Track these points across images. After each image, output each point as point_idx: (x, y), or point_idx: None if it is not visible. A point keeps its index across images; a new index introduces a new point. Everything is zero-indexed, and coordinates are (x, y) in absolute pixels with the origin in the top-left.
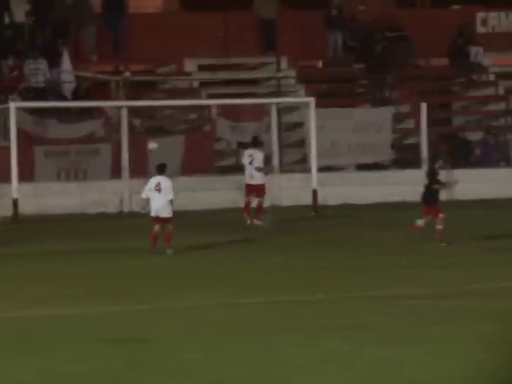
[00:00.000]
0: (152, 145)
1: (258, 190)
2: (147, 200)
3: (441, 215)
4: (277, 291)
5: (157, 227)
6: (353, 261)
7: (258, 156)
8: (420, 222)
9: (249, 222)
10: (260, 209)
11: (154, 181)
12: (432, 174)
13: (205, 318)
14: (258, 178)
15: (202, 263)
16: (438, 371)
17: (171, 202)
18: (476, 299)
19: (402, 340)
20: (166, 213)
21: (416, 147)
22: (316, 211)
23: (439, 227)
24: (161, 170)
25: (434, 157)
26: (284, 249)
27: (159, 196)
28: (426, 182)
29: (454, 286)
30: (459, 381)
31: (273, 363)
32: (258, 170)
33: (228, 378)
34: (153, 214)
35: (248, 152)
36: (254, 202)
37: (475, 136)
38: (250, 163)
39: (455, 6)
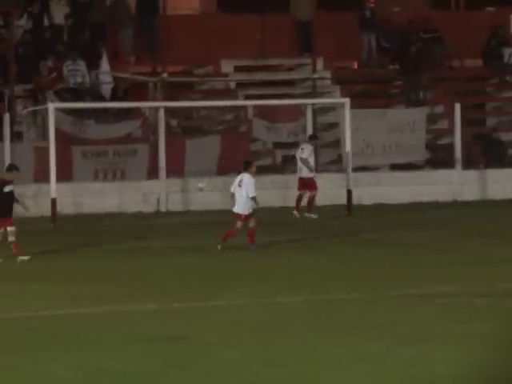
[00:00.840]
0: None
1: (307, 185)
2: (232, 194)
3: None
4: (312, 290)
5: (238, 224)
6: (386, 260)
7: (306, 148)
8: None
9: (298, 216)
10: (310, 203)
11: (239, 177)
12: None
13: (242, 317)
14: (304, 171)
15: (238, 262)
16: (470, 369)
17: (252, 199)
18: (511, 298)
19: (435, 338)
20: (242, 209)
21: (450, 147)
22: (350, 211)
23: None
24: (245, 166)
25: None
26: (319, 248)
27: (239, 192)
28: None
29: (487, 284)
30: (490, 379)
31: (309, 362)
32: (302, 160)
33: (264, 377)
34: (234, 210)
35: (301, 145)
36: (306, 197)
37: (508, 136)
38: (300, 156)
39: (489, 8)
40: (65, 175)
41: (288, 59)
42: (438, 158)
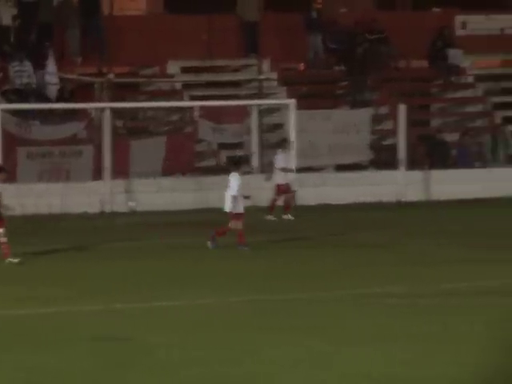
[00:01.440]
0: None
1: (283, 190)
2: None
3: None
4: (262, 290)
5: (231, 223)
6: (334, 260)
7: (278, 157)
8: None
9: (272, 217)
10: (286, 205)
11: (229, 178)
12: None
13: (189, 317)
14: (276, 178)
15: (184, 263)
16: (416, 369)
17: (234, 198)
18: (454, 298)
19: (381, 338)
20: (229, 208)
21: (394, 148)
22: (296, 211)
23: None
24: (233, 166)
25: None
26: (266, 249)
27: (227, 192)
28: None
29: (432, 284)
30: (436, 377)
31: (256, 361)
32: (282, 170)
33: (209, 376)
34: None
35: (276, 154)
36: (281, 201)
37: (452, 137)
38: (276, 167)
39: (435, 9)
40: (9, 176)
41: (234, 60)
42: (383, 158)
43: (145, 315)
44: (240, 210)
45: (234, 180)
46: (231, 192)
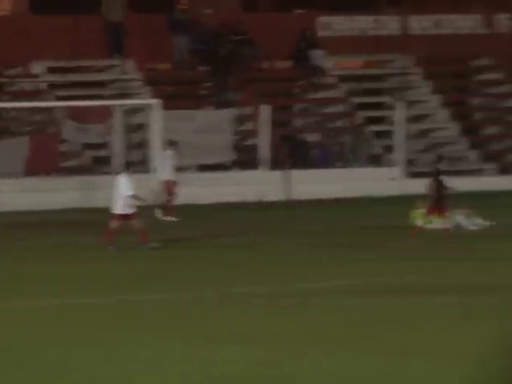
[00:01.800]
0: None
1: (169, 188)
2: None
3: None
4: (124, 291)
5: (113, 223)
6: (198, 260)
7: (168, 154)
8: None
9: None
10: (168, 205)
11: (118, 178)
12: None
13: (58, 317)
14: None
15: (51, 263)
16: (268, 369)
17: (131, 197)
18: (316, 297)
19: (244, 338)
20: (119, 209)
21: (257, 148)
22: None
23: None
24: (125, 167)
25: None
26: (129, 250)
27: (117, 193)
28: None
29: (294, 284)
30: (288, 376)
31: (111, 362)
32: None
33: (67, 378)
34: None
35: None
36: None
37: (314, 137)
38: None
39: (298, 11)
40: None
41: (98, 60)
42: (245, 158)
43: (18, 316)
44: (124, 211)
45: (126, 181)
46: (128, 192)
